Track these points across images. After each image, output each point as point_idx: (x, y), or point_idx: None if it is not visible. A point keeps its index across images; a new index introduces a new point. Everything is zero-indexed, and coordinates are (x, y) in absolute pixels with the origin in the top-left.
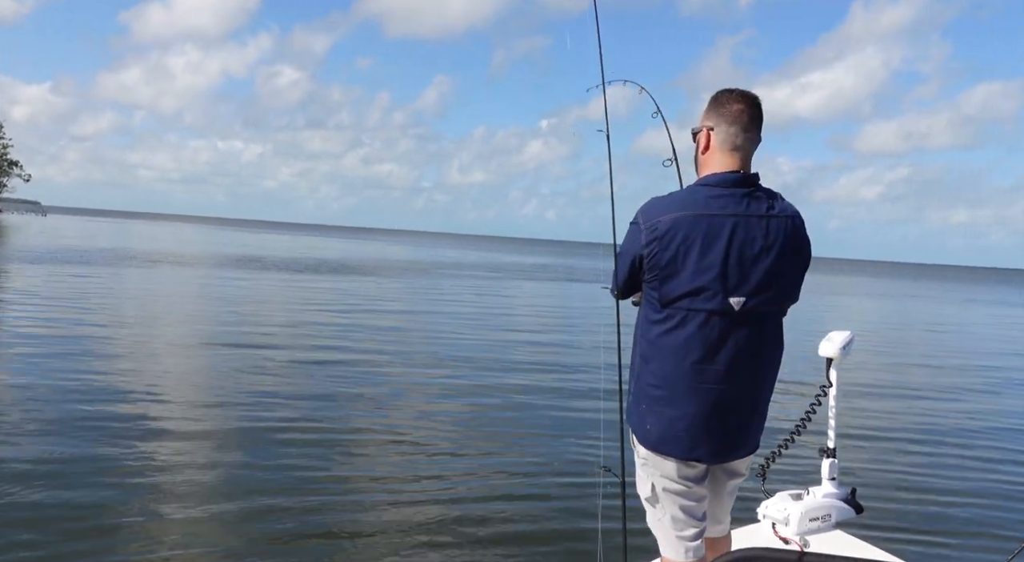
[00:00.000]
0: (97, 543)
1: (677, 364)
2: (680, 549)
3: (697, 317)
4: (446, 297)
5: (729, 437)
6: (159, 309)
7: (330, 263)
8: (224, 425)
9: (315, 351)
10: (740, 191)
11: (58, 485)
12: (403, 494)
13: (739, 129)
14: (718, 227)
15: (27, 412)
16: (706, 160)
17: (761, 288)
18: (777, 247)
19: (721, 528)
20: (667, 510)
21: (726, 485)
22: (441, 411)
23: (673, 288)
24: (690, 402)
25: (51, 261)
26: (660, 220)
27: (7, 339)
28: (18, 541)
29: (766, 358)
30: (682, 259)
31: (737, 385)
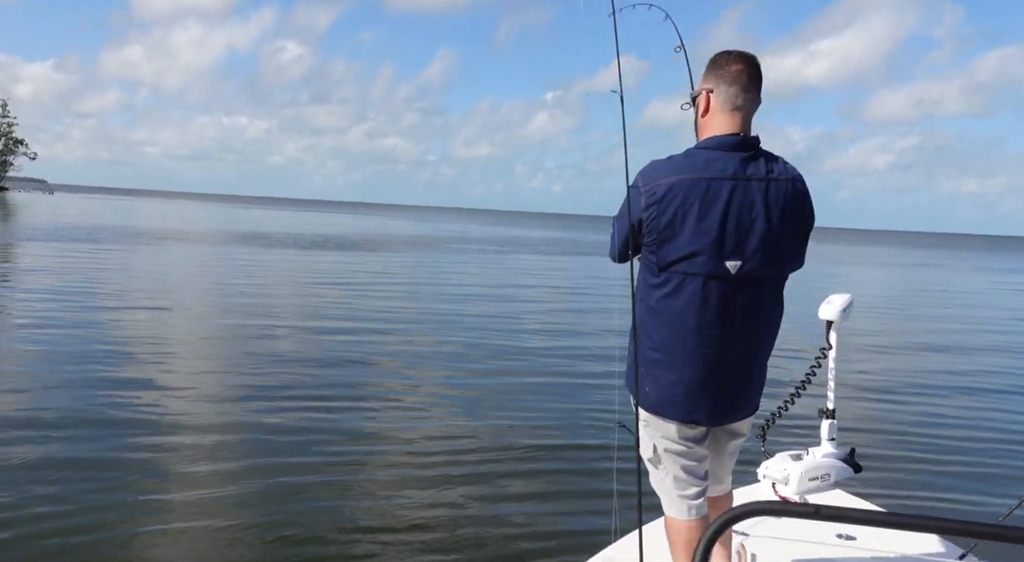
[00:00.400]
0: (117, 497)
1: (675, 328)
2: (683, 507)
3: (694, 281)
4: (454, 271)
5: (727, 400)
6: (168, 285)
7: (336, 239)
8: (234, 402)
9: (324, 325)
10: (740, 154)
11: (76, 447)
12: (418, 456)
13: (739, 89)
14: (716, 190)
15: (42, 384)
16: (706, 123)
17: (759, 252)
18: (777, 211)
19: (723, 487)
20: (669, 470)
21: (727, 445)
22: (454, 378)
23: (670, 252)
24: (688, 366)
25: (59, 239)
26: (659, 183)
27: (19, 314)
28: (44, 494)
29: (764, 322)
30: (680, 223)
31: (735, 348)
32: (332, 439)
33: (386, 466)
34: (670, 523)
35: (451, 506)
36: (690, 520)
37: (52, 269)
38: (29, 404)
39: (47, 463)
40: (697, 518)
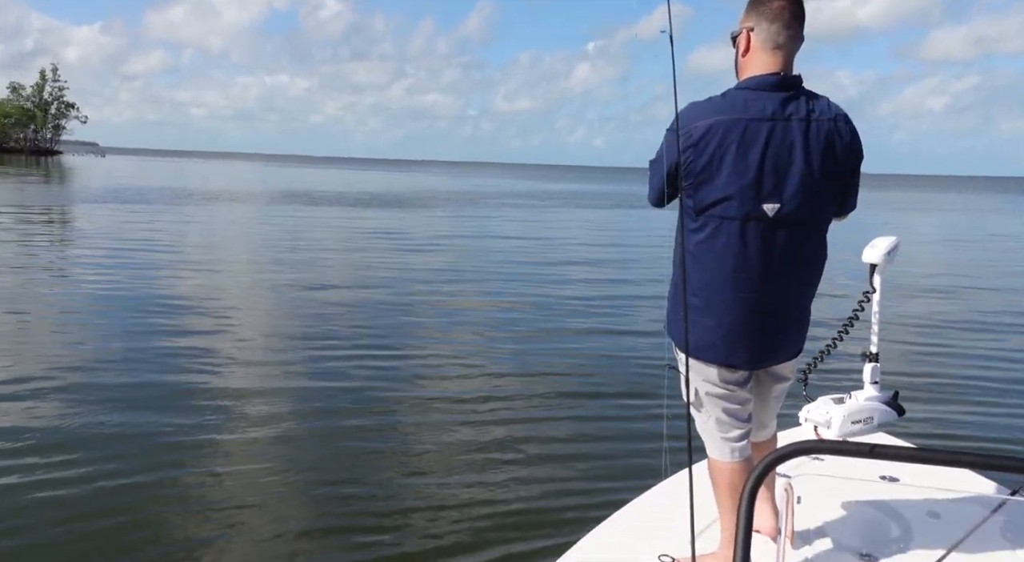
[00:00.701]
0: (177, 445)
1: (713, 272)
2: (726, 449)
3: (731, 224)
4: (497, 225)
5: (767, 342)
6: (219, 244)
7: (379, 196)
8: (290, 352)
9: (372, 278)
10: (780, 94)
11: (137, 408)
12: (467, 411)
13: (780, 26)
14: (754, 131)
15: (104, 339)
16: (746, 63)
17: (798, 194)
18: (818, 151)
19: (767, 432)
20: (711, 413)
21: (771, 389)
22: (503, 328)
23: (707, 194)
24: (727, 309)
25: (114, 201)
26: (696, 125)
27: (80, 274)
28: (109, 440)
29: (804, 264)
30: (716, 165)
31: (773, 292)
32: (384, 389)
33: (439, 414)
34: (713, 465)
35: (502, 451)
36: (733, 462)
37: (109, 230)
38: (92, 358)
39: (110, 412)
40: (740, 460)
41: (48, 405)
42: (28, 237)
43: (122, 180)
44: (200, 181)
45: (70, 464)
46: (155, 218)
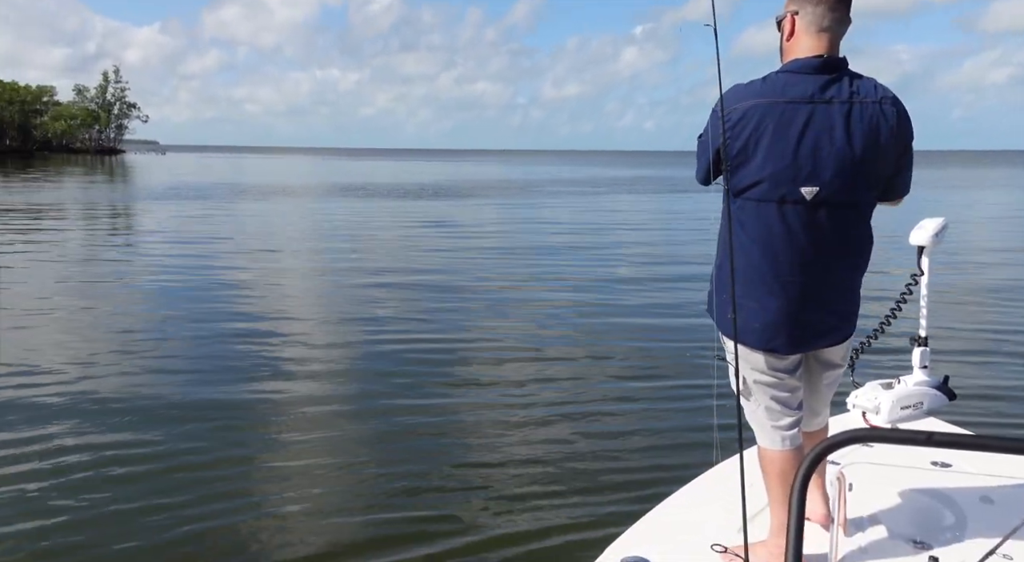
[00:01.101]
0: (240, 435)
1: (751, 255)
2: (776, 437)
3: (768, 207)
4: (549, 213)
5: (808, 327)
6: (277, 238)
7: (431, 187)
8: (346, 341)
9: (427, 268)
10: (822, 77)
11: (202, 389)
12: (522, 393)
13: (825, 9)
14: (792, 114)
15: (168, 332)
16: (791, 46)
17: (837, 178)
18: (859, 134)
19: (819, 421)
20: (760, 401)
21: (822, 376)
22: (555, 317)
23: (743, 177)
24: (766, 293)
25: (176, 198)
26: (735, 108)
27: (145, 269)
28: (176, 431)
29: (846, 248)
30: (753, 147)
31: (814, 275)
32: (440, 374)
33: (491, 404)
34: (763, 454)
35: (553, 441)
36: (784, 451)
37: (171, 225)
38: (158, 350)
39: (177, 404)
40: (791, 448)
41: (113, 388)
42: (96, 233)
43: (182, 177)
44: (256, 176)
45: (137, 443)
46: (213, 213)
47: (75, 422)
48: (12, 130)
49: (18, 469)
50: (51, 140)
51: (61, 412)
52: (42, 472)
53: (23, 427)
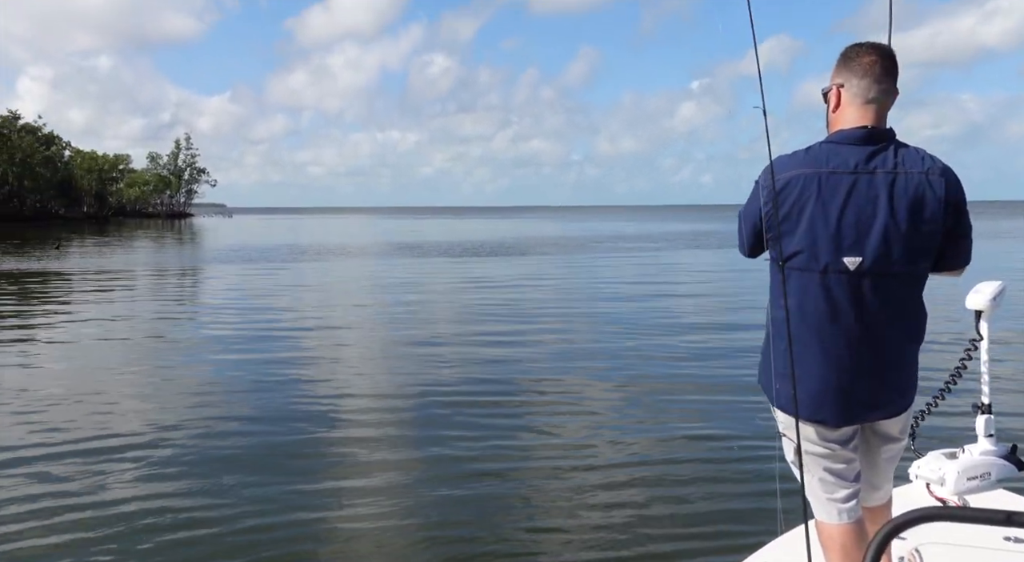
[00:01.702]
0: (300, 490)
1: (797, 325)
2: (832, 510)
3: (812, 277)
4: (608, 271)
5: (857, 399)
6: (336, 297)
7: (488, 245)
8: (405, 394)
9: (484, 329)
10: (866, 147)
11: (262, 441)
12: (580, 458)
13: (871, 81)
14: (835, 184)
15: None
16: (837, 118)
17: (880, 248)
18: (904, 205)
19: (880, 495)
20: (813, 472)
21: (880, 450)
22: (614, 378)
23: (787, 246)
24: (812, 364)
25: (240, 260)
26: (778, 178)
27: (210, 326)
28: (238, 483)
29: (894, 319)
30: (796, 217)
31: (859, 346)
32: (496, 433)
33: (551, 466)
34: (821, 528)
35: (611, 505)
36: (841, 524)
37: (236, 286)
38: (221, 405)
39: (239, 455)
40: (849, 522)
41: (181, 441)
42: (164, 294)
43: (247, 239)
44: (317, 236)
45: (201, 491)
46: (275, 273)
47: (145, 474)
48: (89, 197)
49: (107, 505)
50: (125, 206)
51: (137, 462)
52: (121, 515)
53: (101, 476)
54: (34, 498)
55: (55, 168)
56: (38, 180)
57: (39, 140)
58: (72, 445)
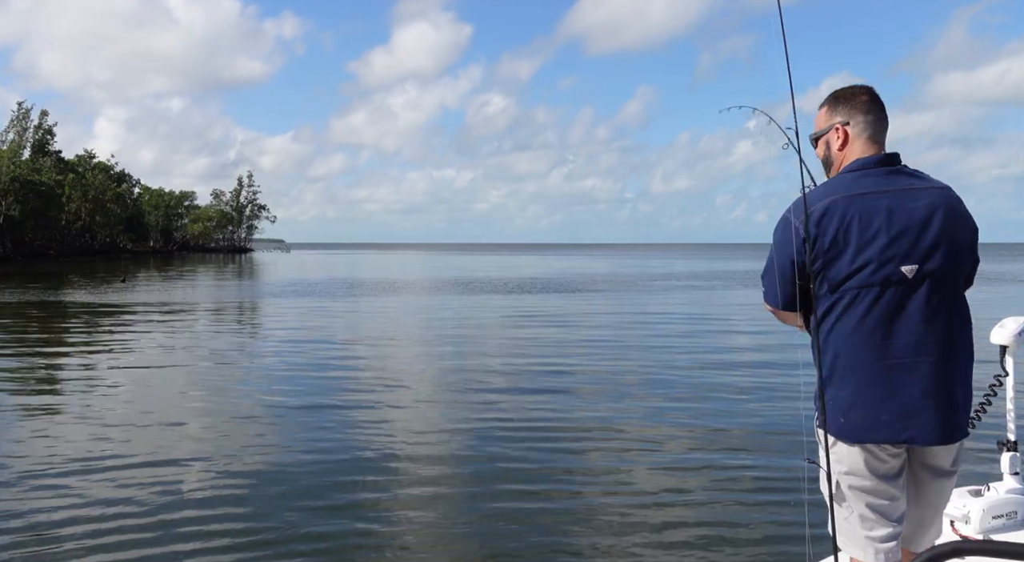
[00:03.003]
0: (357, 526)
1: (854, 345)
2: (869, 551)
3: (870, 292)
4: (660, 309)
5: (918, 415)
6: (390, 332)
7: (540, 281)
8: (457, 425)
9: (534, 369)
10: (887, 169)
11: (323, 474)
12: (614, 485)
13: (874, 117)
14: (872, 202)
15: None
16: (845, 154)
17: (931, 252)
18: (940, 212)
19: (928, 537)
20: (853, 507)
21: (931, 485)
22: (657, 414)
23: (840, 269)
24: (875, 381)
25: (298, 294)
26: (813, 208)
27: (268, 360)
28: (296, 519)
29: (955, 324)
30: (843, 239)
31: (924, 356)
32: (547, 463)
33: (591, 490)
34: None
35: (648, 531)
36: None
37: (291, 321)
38: (275, 429)
39: (298, 490)
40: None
41: (238, 469)
42: (223, 327)
43: (304, 274)
44: (373, 272)
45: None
46: (331, 308)
47: (207, 487)
48: (155, 232)
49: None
50: (189, 240)
51: (196, 489)
52: (183, 534)
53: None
54: (102, 505)
55: (125, 204)
56: (109, 216)
57: (111, 178)
58: (133, 459)
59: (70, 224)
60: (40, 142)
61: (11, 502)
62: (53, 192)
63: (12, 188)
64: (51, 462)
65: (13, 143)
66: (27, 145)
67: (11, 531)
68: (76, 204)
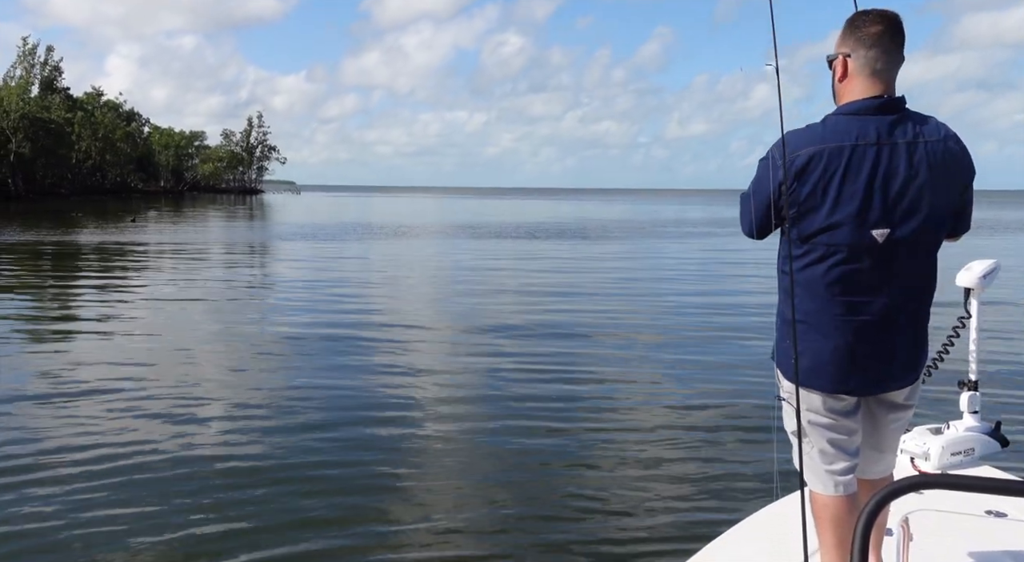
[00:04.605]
0: (371, 463)
1: (819, 298)
2: (829, 483)
3: (839, 251)
4: (671, 258)
5: (878, 369)
6: (401, 279)
7: (550, 227)
8: (467, 379)
9: (543, 317)
10: (885, 117)
11: (333, 420)
12: (608, 423)
13: (879, 52)
14: (860, 157)
15: (300, 365)
16: (844, 88)
17: (908, 218)
18: (923, 174)
19: (883, 466)
20: (814, 443)
21: (887, 418)
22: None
23: (812, 223)
24: (833, 335)
25: (308, 238)
26: (798, 153)
27: (280, 304)
28: (306, 465)
29: (915, 290)
30: (821, 193)
31: (884, 317)
32: (556, 408)
33: (579, 427)
34: (815, 499)
35: (630, 470)
36: (836, 496)
37: (305, 263)
38: (288, 384)
39: (308, 440)
40: (844, 495)
41: (254, 413)
42: (235, 269)
43: (315, 217)
44: (384, 216)
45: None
46: (342, 252)
47: (227, 419)
48: (166, 172)
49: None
50: (199, 181)
51: (208, 421)
52: (189, 487)
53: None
54: (115, 433)
55: (135, 144)
56: (119, 155)
57: (120, 116)
58: (149, 393)
59: (80, 163)
60: (48, 79)
61: (25, 428)
62: (63, 130)
63: (22, 125)
64: (68, 393)
65: (21, 80)
66: (35, 82)
67: (23, 455)
68: (86, 143)
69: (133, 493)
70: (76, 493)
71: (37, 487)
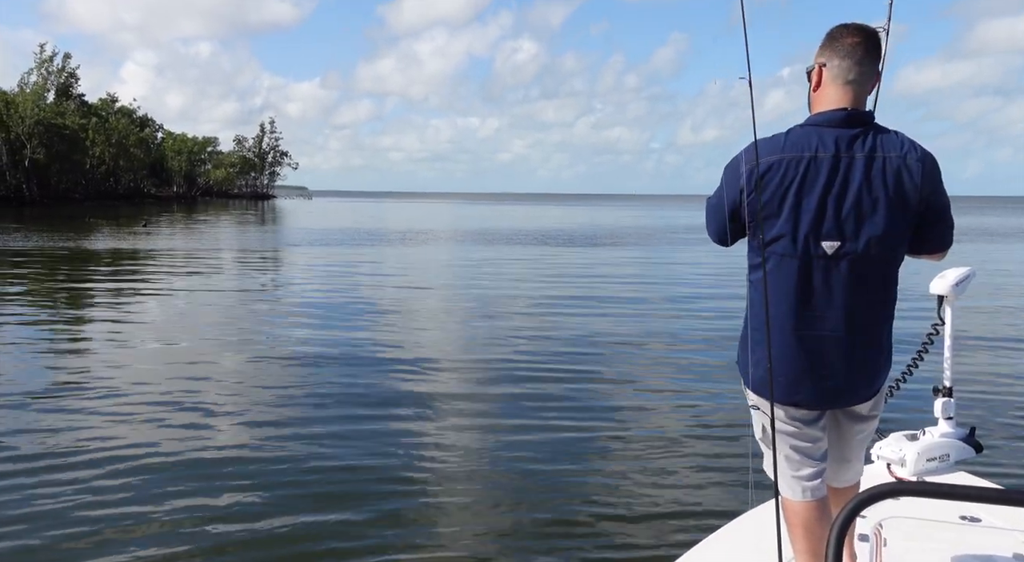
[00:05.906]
0: (384, 463)
1: (775, 308)
2: (796, 488)
3: (791, 261)
4: (682, 264)
5: (830, 384)
6: (414, 284)
7: (561, 234)
8: (479, 371)
9: (554, 321)
10: (847, 130)
11: (346, 418)
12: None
13: (852, 63)
14: (816, 169)
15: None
16: (817, 98)
17: (858, 232)
18: (880, 189)
19: (851, 474)
20: (780, 450)
21: (851, 430)
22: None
23: (768, 231)
24: (786, 346)
25: (319, 243)
26: (761, 162)
27: (293, 307)
28: (319, 463)
29: (868, 303)
30: (778, 202)
31: (835, 330)
32: (568, 410)
33: (567, 425)
34: (787, 505)
35: (615, 472)
36: (804, 502)
37: (313, 267)
38: (302, 382)
39: (321, 434)
40: (813, 499)
41: (262, 419)
42: (246, 273)
43: (326, 222)
44: (395, 222)
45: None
46: (355, 257)
47: (237, 415)
48: (179, 177)
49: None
50: (212, 186)
51: (218, 424)
52: (203, 490)
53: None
54: (127, 436)
55: (148, 149)
56: (132, 160)
57: (134, 122)
58: (159, 397)
59: (94, 168)
60: (64, 86)
61: (37, 429)
62: (77, 136)
63: (37, 131)
64: (80, 394)
65: (37, 86)
66: (51, 89)
67: (34, 454)
68: (100, 148)
69: (143, 493)
70: (86, 493)
71: (48, 487)
